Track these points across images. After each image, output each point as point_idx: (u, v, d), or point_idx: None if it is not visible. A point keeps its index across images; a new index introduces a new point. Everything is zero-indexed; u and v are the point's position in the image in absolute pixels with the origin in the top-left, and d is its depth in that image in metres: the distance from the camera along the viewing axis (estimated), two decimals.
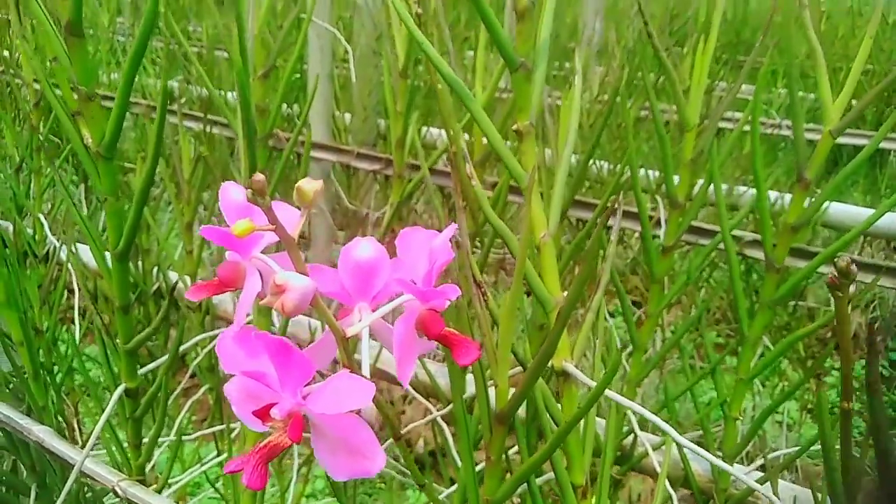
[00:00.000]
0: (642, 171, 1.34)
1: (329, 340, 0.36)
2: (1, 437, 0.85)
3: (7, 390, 0.87)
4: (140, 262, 0.94)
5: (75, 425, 1.02)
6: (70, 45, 0.44)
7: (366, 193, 1.68)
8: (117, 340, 0.54)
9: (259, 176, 0.28)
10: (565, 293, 0.46)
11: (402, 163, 0.80)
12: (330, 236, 1.70)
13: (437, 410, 0.84)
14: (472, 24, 2.53)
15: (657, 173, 1.44)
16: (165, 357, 0.57)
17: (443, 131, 1.83)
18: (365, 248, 0.35)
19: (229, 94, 1.81)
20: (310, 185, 0.30)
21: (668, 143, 0.57)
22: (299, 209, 0.33)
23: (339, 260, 0.35)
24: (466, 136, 0.98)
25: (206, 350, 0.82)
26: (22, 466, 0.85)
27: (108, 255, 0.53)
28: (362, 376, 0.33)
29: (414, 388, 0.85)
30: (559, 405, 0.45)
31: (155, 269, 0.96)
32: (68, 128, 0.47)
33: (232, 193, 0.32)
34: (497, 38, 0.42)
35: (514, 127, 0.45)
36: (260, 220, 0.30)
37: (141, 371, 0.57)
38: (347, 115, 1.73)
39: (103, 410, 0.59)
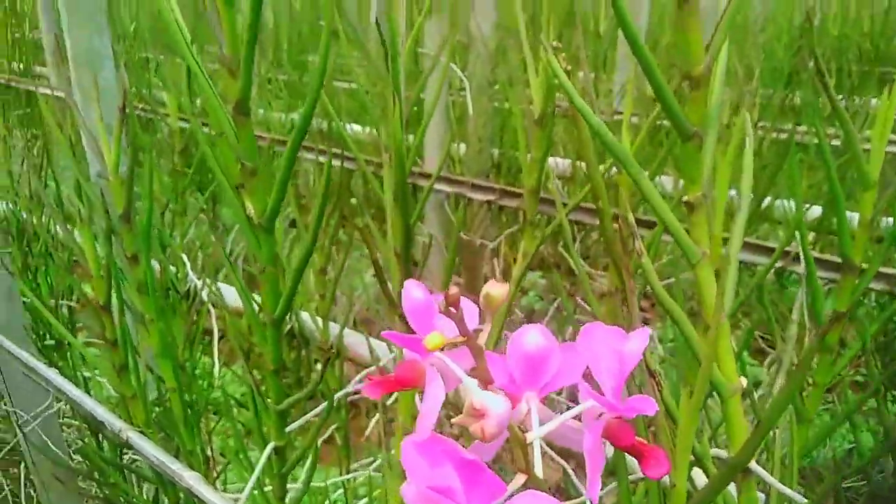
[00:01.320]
0: (779, 202, 1.26)
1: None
2: (147, 469, 0.89)
3: (151, 420, 0.91)
4: None
5: (209, 453, 1.07)
6: (237, 124, 0.46)
7: (479, 223, 1.67)
8: (268, 399, 0.55)
9: (454, 289, 0.27)
10: (742, 378, 0.42)
11: (535, 210, 0.79)
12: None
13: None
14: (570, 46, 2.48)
15: (791, 203, 1.34)
16: (313, 414, 0.58)
17: (558, 160, 1.80)
18: (535, 337, 0.33)
19: (348, 127, 1.86)
20: (498, 289, 0.29)
21: (843, 201, 0.52)
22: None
23: (508, 349, 0.34)
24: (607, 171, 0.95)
25: (338, 395, 0.84)
26: (164, 497, 0.90)
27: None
28: (543, 490, 0.31)
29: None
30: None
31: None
32: (232, 200, 0.48)
33: (414, 293, 0.31)
34: (670, 109, 0.40)
35: (685, 199, 0.42)
36: (449, 330, 0.29)
37: (288, 429, 0.58)
38: (462, 146, 1.74)
39: (251, 463, 0.61)
